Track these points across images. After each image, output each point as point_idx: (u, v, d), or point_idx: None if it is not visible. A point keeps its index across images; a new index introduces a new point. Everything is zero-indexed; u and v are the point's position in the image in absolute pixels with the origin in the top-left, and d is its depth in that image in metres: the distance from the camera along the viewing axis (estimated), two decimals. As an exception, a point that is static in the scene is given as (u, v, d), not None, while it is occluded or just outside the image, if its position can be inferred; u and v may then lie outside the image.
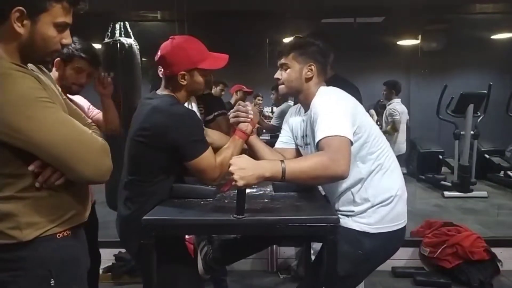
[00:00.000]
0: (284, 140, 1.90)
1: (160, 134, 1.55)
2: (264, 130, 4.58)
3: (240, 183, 1.35)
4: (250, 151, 1.83)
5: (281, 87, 1.76)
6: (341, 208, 1.68)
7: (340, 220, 1.62)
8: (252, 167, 1.39)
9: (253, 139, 1.82)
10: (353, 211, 1.65)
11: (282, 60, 1.74)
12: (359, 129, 1.60)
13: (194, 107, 2.56)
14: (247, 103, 1.81)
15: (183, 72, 1.62)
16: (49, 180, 1.15)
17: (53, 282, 1.17)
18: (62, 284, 1.20)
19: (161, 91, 1.70)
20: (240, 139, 1.73)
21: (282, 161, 1.42)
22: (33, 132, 1.07)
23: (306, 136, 1.76)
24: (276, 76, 1.77)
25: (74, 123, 1.16)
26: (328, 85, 1.76)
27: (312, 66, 1.71)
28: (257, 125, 1.89)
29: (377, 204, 1.63)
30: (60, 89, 1.34)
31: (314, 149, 1.63)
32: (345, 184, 1.64)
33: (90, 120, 1.44)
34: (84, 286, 1.31)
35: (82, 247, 1.33)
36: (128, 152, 1.66)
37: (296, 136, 1.86)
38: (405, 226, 1.72)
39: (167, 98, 1.63)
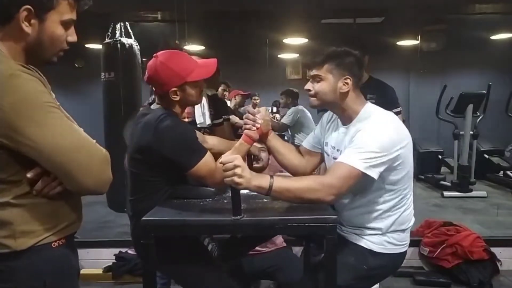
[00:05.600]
0: (312, 143, 1.85)
1: (152, 152, 1.56)
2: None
3: (241, 180, 1.36)
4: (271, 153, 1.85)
5: (312, 99, 1.65)
6: (353, 222, 1.65)
7: (349, 235, 1.66)
8: (248, 172, 1.41)
9: (271, 140, 1.78)
10: (362, 231, 1.64)
11: (314, 71, 1.61)
12: (401, 164, 1.55)
13: (205, 108, 2.56)
14: (260, 109, 1.76)
15: (174, 89, 1.61)
16: (46, 188, 1.10)
17: None
18: None
19: (155, 106, 1.70)
20: (245, 143, 1.70)
21: (271, 176, 1.45)
22: (39, 137, 1.03)
23: (338, 150, 1.67)
24: (306, 87, 1.65)
25: (79, 131, 1.13)
26: (363, 89, 1.69)
27: (348, 80, 1.58)
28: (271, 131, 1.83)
29: (387, 233, 1.63)
30: (54, 95, 1.27)
31: None
32: (362, 205, 1.61)
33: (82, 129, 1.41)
34: None
35: (75, 255, 1.28)
36: (129, 169, 1.66)
37: (326, 142, 1.77)
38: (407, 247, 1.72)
39: (158, 111, 1.62)
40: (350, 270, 1.53)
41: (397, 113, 2.57)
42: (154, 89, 1.67)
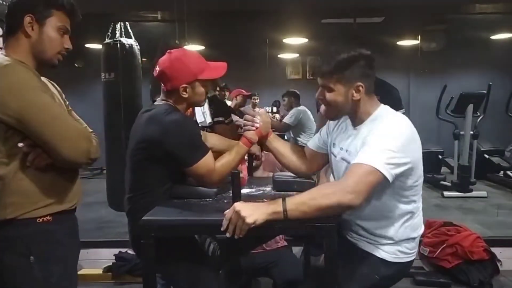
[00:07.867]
0: (318, 143, 1.81)
1: (155, 144, 1.55)
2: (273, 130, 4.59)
3: (250, 219, 1.30)
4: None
5: (327, 109, 1.60)
6: (365, 230, 1.61)
7: (360, 243, 1.63)
8: (255, 204, 1.37)
9: (271, 142, 1.78)
10: (376, 240, 1.60)
11: (324, 81, 1.53)
12: (415, 169, 1.52)
13: (205, 108, 2.57)
14: (261, 110, 1.78)
15: (184, 85, 1.62)
16: (37, 158, 1.30)
17: (32, 258, 1.31)
18: (41, 262, 1.32)
19: (159, 102, 1.69)
20: (244, 146, 1.71)
21: (283, 198, 1.36)
22: (24, 110, 1.25)
23: (346, 151, 1.61)
24: (318, 96, 1.57)
25: (60, 109, 1.36)
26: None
27: (360, 87, 1.50)
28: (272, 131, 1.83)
29: (400, 242, 1.60)
30: (67, 102, 1.52)
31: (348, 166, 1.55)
32: (374, 212, 1.56)
33: (91, 130, 1.50)
34: (65, 268, 1.40)
35: (67, 232, 1.43)
36: (129, 166, 1.65)
37: (333, 144, 1.70)
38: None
39: (163, 106, 1.63)
40: (362, 279, 1.51)
41: None
42: (162, 84, 1.67)
